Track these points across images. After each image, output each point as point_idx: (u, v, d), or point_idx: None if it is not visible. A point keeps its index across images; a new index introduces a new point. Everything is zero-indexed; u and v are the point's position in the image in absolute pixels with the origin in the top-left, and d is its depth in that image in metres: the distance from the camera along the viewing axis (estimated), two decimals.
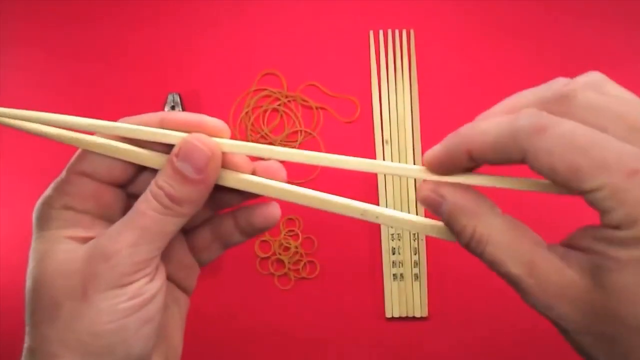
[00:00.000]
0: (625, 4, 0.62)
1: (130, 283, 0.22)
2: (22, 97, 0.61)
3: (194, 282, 0.28)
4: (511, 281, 0.21)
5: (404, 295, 0.56)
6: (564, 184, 0.20)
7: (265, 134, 0.60)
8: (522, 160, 0.21)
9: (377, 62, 0.61)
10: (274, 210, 0.26)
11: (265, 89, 0.61)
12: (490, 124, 0.22)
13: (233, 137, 0.24)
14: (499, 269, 0.21)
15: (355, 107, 0.60)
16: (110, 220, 0.23)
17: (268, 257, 0.58)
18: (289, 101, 0.61)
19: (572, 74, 0.25)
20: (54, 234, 0.23)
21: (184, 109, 0.59)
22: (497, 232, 0.22)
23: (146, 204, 0.22)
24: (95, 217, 0.23)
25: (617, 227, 0.19)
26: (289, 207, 0.58)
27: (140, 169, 0.24)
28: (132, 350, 0.22)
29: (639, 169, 0.18)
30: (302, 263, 0.58)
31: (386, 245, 0.57)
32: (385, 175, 0.58)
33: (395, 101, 0.60)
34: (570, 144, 0.19)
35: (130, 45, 0.62)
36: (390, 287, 0.56)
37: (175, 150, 0.22)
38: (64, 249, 0.22)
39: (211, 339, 0.57)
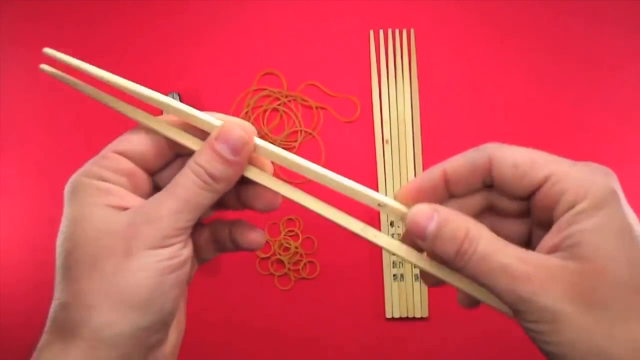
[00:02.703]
0: (627, 6, 0.62)
1: (170, 245, 0.24)
2: (22, 97, 0.61)
3: (192, 274, 0.29)
4: (503, 272, 0.22)
5: (404, 296, 0.56)
6: (523, 176, 0.24)
7: (265, 133, 0.60)
8: (488, 172, 0.25)
9: (377, 62, 0.61)
10: (259, 238, 0.30)
11: (265, 89, 0.61)
12: (458, 155, 0.26)
13: None
14: (491, 260, 0.23)
15: (355, 107, 0.60)
16: (140, 197, 0.26)
17: (268, 258, 0.58)
18: (288, 101, 0.61)
19: (572, 73, 0.25)
20: (91, 201, 0.25)
21: None
22: (487, 232, 0.24)
23: (187, 179, 0.25)
24: (128, 191, 0.26)
25: (573, 204, 0.23)
26: (289, 207, 0.58)
27: (166, 163, 0.28)
28: (164, 307, 0.24)
29: (578, 162, 0.24)
30: (302, 263, 0.58)
31: None
32: (385, 175, 0.58)
33: (395, 101, 0.60)
34: (525, 149, 0.25)
35: (129, 45, 0.62)
36: (390, 287, 0.56)
37: (214, 134, 0.26)
38: (102, 213, 0.25)
39: (211, 339, 0.57)
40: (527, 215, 0.26)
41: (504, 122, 0.60)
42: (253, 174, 0.28)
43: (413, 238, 0.25)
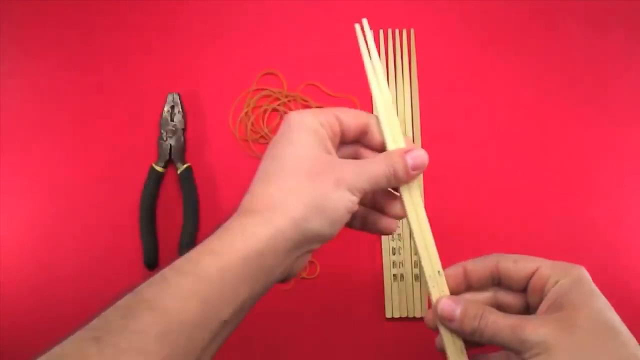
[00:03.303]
0: (628, 8, 0.62)
1: (355, 195, 0.33)
2: (21, 96, 0.61)
3: None
4: (510, 327, 0.33)
5: (404, 296, 0.56)
6: (521, 268, 0.37)
7: (265, 134, 0.60)
8: (496, 269, 0.38)
9: None
10: (391, 225, 0.38)
11: (265, 89, 0.61)
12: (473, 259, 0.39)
13: (232, 138, 0.25)
14: (500, 323, 0.34)
15: (355, 107, 0.60)
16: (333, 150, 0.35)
17: None
18: (289, 101, 0.61)
19: (572, 73, 0.25)
20: (310, 135, 0.34)
21: (183, 109, 0.59)
22: (494, 310, 0.35)
23: (381, 165, 0.35)
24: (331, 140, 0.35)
25: (557, 281, 0.35)
26: None
27: (347, 143, 0.37)
28: (334, 233, 0.33)
29: (556, 261, 0.36)
30: None
31: (386, 245, 0.57)
32: None
33: (395, 101, 0.60)
34: (518, 255, 0.38)
35: (129, 45, 0.62)
36: (390, 287, 0.56)
37: (406, 148, 0.36)
38: (317, 147, 0.34)
39: None
40: (524, 309, 0.37)
41: (504, 122, 0.60)
42: (407, 191, 0.37)
43: (443, 322, 0.36)
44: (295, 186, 0.32)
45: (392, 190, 0.38)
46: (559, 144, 0.60)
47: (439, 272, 0.37)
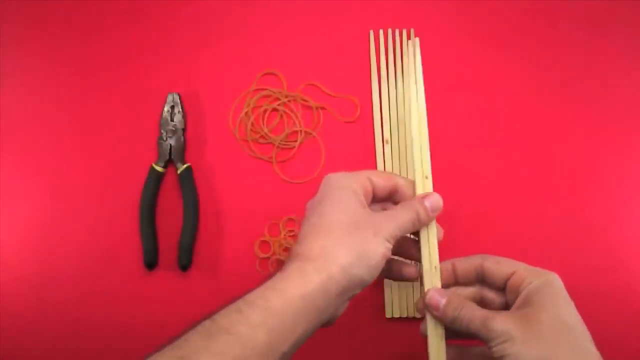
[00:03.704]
0: (629, 11, 0.62)
1: (390, 243, 0.39)
2: (21, 96, 0.61)
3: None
4: (481, 317, 0.39)
5: (404, 295, 0.56)
6: (502, 269, 0.42)
7: (265, 133, 0.60)
8: (481, 267, 0.44)
9: (377, 62, 0.61)
10: (412, 273, 0.45)
11: (265, 89, 0.61)
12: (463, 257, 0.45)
13: (232, 138, 0.25)
14: (474, 314, 0.40)
15: (355, 107, 0.60)
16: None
17: (268, 257, 0.58)
18: (289, 101, 0.61)
19: (572, 73, 0.25)
20: (349, 193, 0.40)
21: (183, 109, 0.59)
22: (473, 306, 0.41)
23: (408, 213, 0.41)
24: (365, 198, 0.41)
25: (530, 283, 0.40)
26: (289, 207, 0.58)
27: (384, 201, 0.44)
28: (373, 277, 0.38)
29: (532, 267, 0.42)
30: None
31: None
32: None
33: (395, 101, 0.60)
34: (502, 258, 0.44)
35: (129, 45, 0.62)
36: (391, 287, 0.56)
37: (423, 194, 0.42)
38: (355, 202, 0.39)
39: None
40: (504, 306, 0.42)
41: (504, 122, 0.60)
42: (426, 235, 0.43)
43: (429, 310, 0.42)
44: (342, 239, 0.37)
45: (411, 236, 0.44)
46: (559, 143, 0.60)
47: (435, 267, 0.42)
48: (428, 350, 0.42)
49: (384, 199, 0.43)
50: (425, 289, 0.42)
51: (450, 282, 0.44)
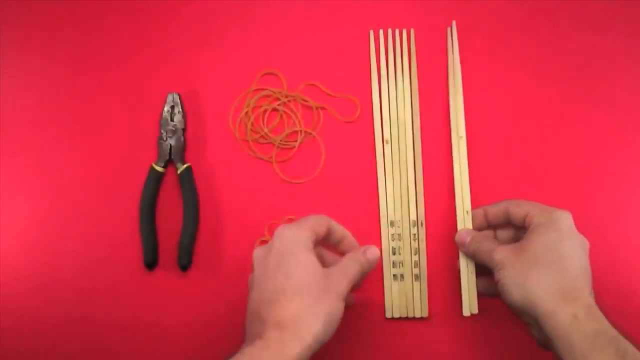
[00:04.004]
0: (629, 11, 0.62)
1: (343, 300, 0.43)
2: (22, 96, 0.61)
3: None
4: (489, 248, 0.48)
5: (404, 296, 0.56)
6: (520, 211, 0.49)
7: (265, 133, 0.60)
8: (508, 211, 0.51)
9: (377, 62, 0.61)
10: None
11: (265, 89, 0.61)
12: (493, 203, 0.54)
13: (232, 138, 0.25)
14: (486, 246, 0.49)
15: (355, 107, 0.60)
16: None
17: None
18: (288, 101, 0.61)
19: (573, 73, 0.25)
20: (304, 251, 0.43)
21: (183, 109, 0.59)
22: (489, 240, 0.50)
23: (354, 268, 0.45)
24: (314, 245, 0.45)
25: (537, 221, 0.47)
26: (289, 207, 0.58)
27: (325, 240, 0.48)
28: (331, 332, 0.42)
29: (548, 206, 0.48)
30: None
31: (386, 245, 0.57)
32: (385, 175, 0.58)
33: (395, 101, 0.60)
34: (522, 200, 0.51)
35: (129, 45, 0.62)
36: (390, 287, 0.56)
37: (365, 249, 0.48)
38: (313, 264, 0.42)
39: (211, 340, 0.57)
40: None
41: (503, 121, 0.60)
42: (459, 184, 0.55)
43: (459, 246, 0.52)
44: (312, 306, 0.41)
45: None
46: (559, 143, 0.60)
47: (467, 212, 0.53)
48: (461, 282, 0.52)
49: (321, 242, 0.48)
50: (458, 229, 0.52)
51: (483, 225, 0.52)
